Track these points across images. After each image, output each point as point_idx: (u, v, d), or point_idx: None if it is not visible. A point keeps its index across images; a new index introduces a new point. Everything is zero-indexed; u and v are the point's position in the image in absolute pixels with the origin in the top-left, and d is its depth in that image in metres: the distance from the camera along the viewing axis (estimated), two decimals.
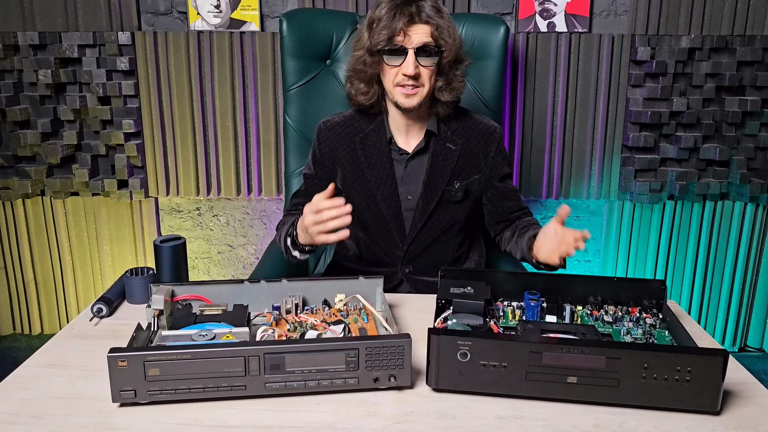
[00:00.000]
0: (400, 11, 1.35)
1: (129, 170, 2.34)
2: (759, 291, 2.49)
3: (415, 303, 1.33)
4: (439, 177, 1.51)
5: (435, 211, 1.53)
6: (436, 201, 1.52)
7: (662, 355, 0.92)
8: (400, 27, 1.35)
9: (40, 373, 1.03)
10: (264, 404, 0.95)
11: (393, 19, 1.35)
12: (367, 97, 1.48)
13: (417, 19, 1.36)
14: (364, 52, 1.41)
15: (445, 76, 1.44)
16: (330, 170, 1.56)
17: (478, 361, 0.95)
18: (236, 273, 2.53)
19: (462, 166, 1.53)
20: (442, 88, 1.45)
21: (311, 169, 1.58)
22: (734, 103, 2.24)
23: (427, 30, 1.37)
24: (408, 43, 1.36)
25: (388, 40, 1.36)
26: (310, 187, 1.57)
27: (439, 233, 1.56)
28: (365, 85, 1.46)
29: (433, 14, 1.37)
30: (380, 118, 1.53)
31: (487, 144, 1.55)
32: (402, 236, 1.55)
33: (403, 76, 1.38)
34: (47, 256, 2.46)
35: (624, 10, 2.22)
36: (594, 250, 2.49)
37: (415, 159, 1.52)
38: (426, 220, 1.53)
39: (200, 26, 2.22)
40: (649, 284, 1.20)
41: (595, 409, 0.95)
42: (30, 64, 2.20)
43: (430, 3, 1.39)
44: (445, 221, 1.55)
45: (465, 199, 1.55)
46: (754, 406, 0.97)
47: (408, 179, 1.52)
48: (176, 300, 1.15)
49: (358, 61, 1.43)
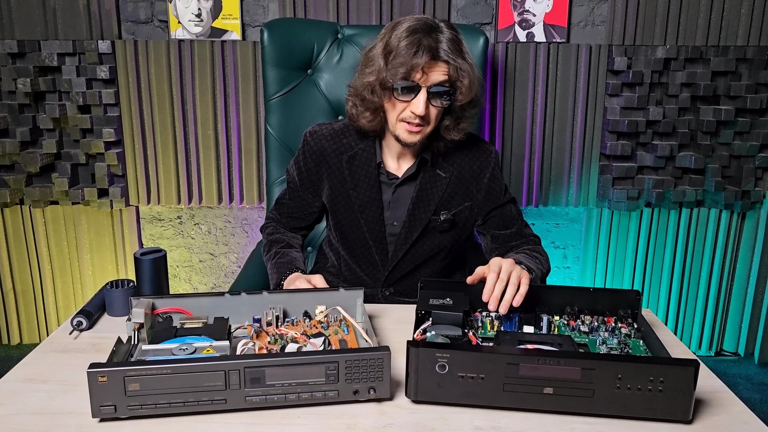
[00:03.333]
0: (421, 47, 1.26)
1: (109, 179, 2.32)
2: (734, 296, 2.54)
3: (395, 313, 1.34)
4: (425, 206, 1.46)
5: (419, 240, 1.49)
6: (420, 230, 1.47)
7: (635, 365, 0.93)
8: (420, 65, 1.27)
9: (19, 389, 1.03)
10: (244, 418, 0.95)
11: (414, 56, 1.26)
12: (371, 125, 1.40)
13: (437, 56, 1.27)
14: (376, 81, 1.32)
15: (455, 116, 1.39)
16: (316, 184, 1.51)
17: (456, 373, 0.96)
18: (218, 281, 2.52)
19: (451, 194, 1.47)
20: (449, 128, 1.40)
21: (295, 181, 1.54)
22: (709, 113, 2.29)
23: (445, 69, 1.29)
24: (423, 81, 1.29)
25: (404, 78, 1.28)
26: (295, 198, 1.55)
27: (422, 260, 1.52)
28: (371, 114, 1.38)
29: (454, 53, 1.28)
30: (373, 139, 1.46)
31: (480, 170, 1.49)
32: (384, 260, 1.51)
33: (411, 113, 1.31)
34: (26, 265, 2.44)
35: (601, 21, 2.26)
36: (573, 256, 2.52)
37: (405, 185, 1.47)
38: (409, 248, 1.49)
39: (181, 35, 2.22)
40: (625, 294, 1.22)
41: (571, 419, 0.96)
42: (9, 73, 2.19)
43: (450, 36, 1.30)
44: (430, 249, 1.51)
45: (451, 229, 1.50)
46: (725, 414, 0.99)
47: (395, 204, 1.47)
48: (157, 313, 1.15)
49: (367, 89, 1.34)
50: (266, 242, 1.56)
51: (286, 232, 1.58)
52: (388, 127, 1.40)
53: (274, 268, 1.46)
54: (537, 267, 1.39)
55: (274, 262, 1.47)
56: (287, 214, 1.58)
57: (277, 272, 1.43)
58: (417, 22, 1.30)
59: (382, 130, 1.45)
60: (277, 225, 1.60)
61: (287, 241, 1.54)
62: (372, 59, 1.34)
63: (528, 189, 2.38)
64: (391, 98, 1.33)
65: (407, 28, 1.29)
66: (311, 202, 1.54)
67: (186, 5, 2.19)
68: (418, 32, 1.28)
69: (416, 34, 1.27)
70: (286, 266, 1.43)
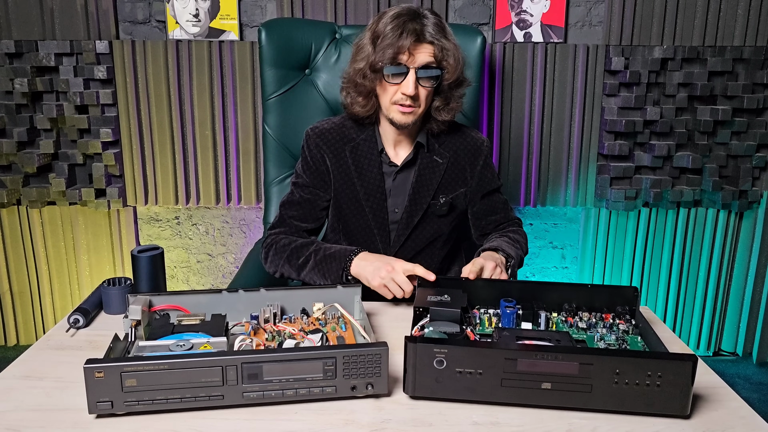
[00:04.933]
0: (405, 29, 1.33)
1: (107, 179, 2.32)
2: (732, 296, 2.54)
3: (392, 311, 1.34)
4: (425, 191, 1.51)
5: (419, 225, 1.53)
6: (420, 214, 1.51)
7: (633, 360, 0.93)
8: (405, 46, 1.33)
9: (16, 385, 1.03)
10: (242, 413, 0.95)
11: (399, 38, 1.32)
12: (365, 110, 1.46)
13: (422, 38, 1.34)
14: (366, 66, 1.38)
15: (444, 96, 1.44)
16: (325, 176, 1.51)
17: (454, 369, 0.96)
18: (215, 282, 2.52)
19: (448, 180, 1.53)
20: (439, 108, 1.45)
21: (303, 177, 1.53)
22: (706, 112, 2.29)
23: (430, 50, 1.35)
24: (411, 62, 1.35)
25: (392, 59, 1.34)
26: (305, 195, 1.52)
27: (422, 246, 1.56)
28: (363, 98, 1.44)
29: (438, 34, 1.35)
30: (371, 128, 1.51)
31: (474, 158, 1.55)
32: (386, 248, 1.54)
33: (402, 95, 1.37)
34: (23, 266, 2.44)
35: (598, 21, 2.26)
36: (571, 256, 2.52)
37: (404, 171, 1.51)
38: (410, 233, 1.53)
39: (179, 35, 2.22)
40: (623, 291, 1.22)
41: (569, 415, 0.96)
42: (6, 73, 2.19)
43: (435, 20, 1.36)
44: (430, 234, 1.55)
45: (450, 213, 1.55)
46: (723, 409, 0.99)
47: (396, 191, 1.52)
48: (154, 310, 1.15)
49: (358, 74, 1.40)
50: (288, 252, 1.45)
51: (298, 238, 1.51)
52: (382, 111, 1.45)
53: (324, 262, 1.40)
54: (516, 253, 1.49)
55: (319, 258, 1.40)
56: (298, 217, 1.52)
57: (336, 261, 1.38)
58: (402, 9, 1.38)
59: (378, 118, 1.50)
60: (286, 235, 1.51)
61: (312, 240, 1.49)
62: (361, 47, 1.42)
63: (526, 189, 2.38)
64: (382, 82, 1.39)
65: (393, 14, 1.37)
66: (322, 197, 1.53)
67: (184, 5, 2.19)
68: (403, 16, 1.35)
69: (401, 18, 1.35)
70: (342, 252, 1.38)
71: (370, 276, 1.31)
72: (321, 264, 1.40)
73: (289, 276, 1.48)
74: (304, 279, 1.44)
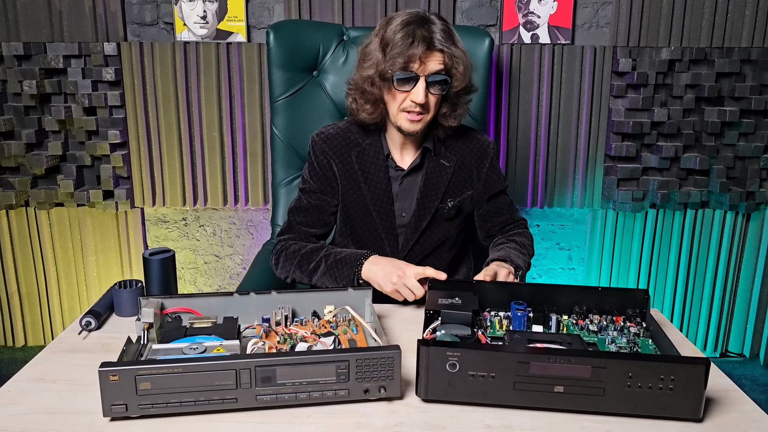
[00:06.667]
0: (416, 37, 1.31)
1: (114, 181, 2.33)
2: (739, 297, 2.54)
3: (403, 313, 1.34)
4: (433, 194, 1.50)
5: (427, 228, 1.53)
6: (428, 218, 1.51)
7: (646, 364, 0.93)
8: (417, 55, 1.32)
9: (29, 388, 1.03)
10: (255, 417, 0.95)
11: (410, 47, 1.31)
12: (372, 117, 1.45)
13: (432, 46, 1.33)
14: (375, 74, 1.37)
15: (451, 102, 1.44)
16: (332, 181, 1.51)
17: (466, 372, 0.96)
18: (223, 283, 2.53)
19: (455, 183, 1.52)
20: (446, 114, 1.45)
21: (311, 183, 1.52)
22: (713, 114, 2.29)
23: (440, 58, 1.34)
24: (421, 70, 1.34)
25: (402, 68, 1.33)
26: (313, 201, 1.52)
27: (430, 249, 1.56)
28: (371, 106, 1.43)
29: (447, 41, 1.34)
30: (377, 132, 1.51)
31: (480, 160, 1.55)
32: (395, 252, 1.53)
33: (411, 102, 1.36)
34: (31, 267, 2.45)
35: (606, 23, 2.26)
36: (578, 258, 2.52)
37: (410, 176, 1.51)
38: (418, 237, 1.53)
39: (186, 37, 2.22)
40: (633, 294, 1.22)
41: (582, 418, 0.96)
42: (14, 75, 2.19)
43: (442, 26, 1.35)
44: (437, 237, 1.55)
45: (457, 216, 1.55)
46: (735, 413, 0.99)
47: (402, 196, 1.51)
48: (166, 313, 1.15)
49: (366, 81, 1.39)
50: (299, 258, 1.46)
51: (308, 244, 1.51)
52: (390, 118, 1.44)
53: (335, 267, 1.40)
54: (524, 261, 1.49)
55: (330, 263, 1.41)
56: (306, 223, 1.52)
57: (347, 266, 1.38)
58: (409, 15, 1.36)
59: (384, 124, 1.50)
60: (295, 241, 1.51)
61: (322, 245, 1.49)
62: (369, 54, 1.40)
63: (533, 190, 2.38)
64: (391, 89, 1.38)
65: (401, 21, 1.35)
66: (330, 202, 1.53)
67: (191, 7, 2.20)
68: (411, 24, 1.34)
69: (410, 26, 1.33)
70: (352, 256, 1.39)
71: (382, 282, 1.32)
72: (332, 269, 1.40)
73: (300, 281, 1.48)
74: (315, 284, 1.44)
